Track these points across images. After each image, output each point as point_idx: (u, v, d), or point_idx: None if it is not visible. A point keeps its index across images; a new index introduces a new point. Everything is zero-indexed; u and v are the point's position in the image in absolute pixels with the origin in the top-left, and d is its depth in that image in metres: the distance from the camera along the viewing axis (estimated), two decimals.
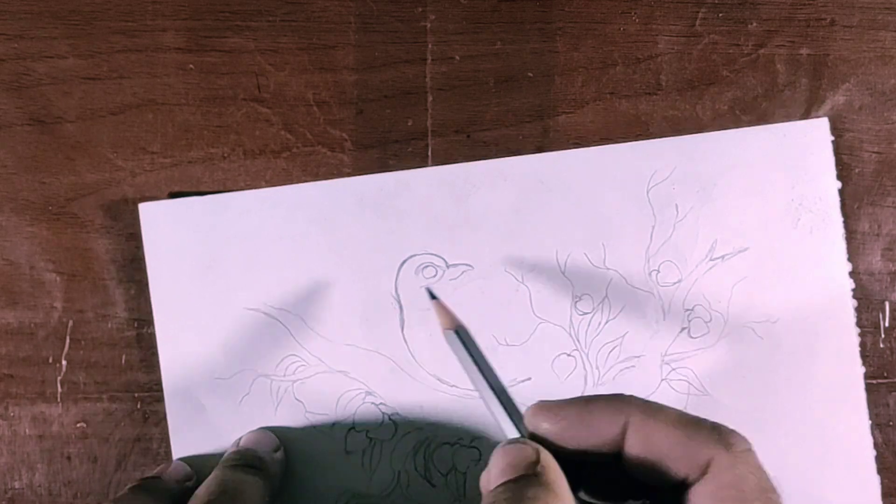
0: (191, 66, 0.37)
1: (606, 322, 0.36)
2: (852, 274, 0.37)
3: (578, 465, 0.27)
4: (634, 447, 0.26)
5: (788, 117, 0.37)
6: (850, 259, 0.37)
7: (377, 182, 0.36)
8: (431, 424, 0.36)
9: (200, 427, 0.36)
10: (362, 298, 0.36)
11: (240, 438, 0.35)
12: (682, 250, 0.36)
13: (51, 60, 0.37)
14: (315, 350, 0.36)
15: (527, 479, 0.25)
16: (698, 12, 0.38)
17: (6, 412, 0.37)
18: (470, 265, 0.36)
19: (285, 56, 0.37)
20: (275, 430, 0.36)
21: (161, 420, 0.37)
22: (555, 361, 0.36)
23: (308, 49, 0.37)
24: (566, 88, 0.37)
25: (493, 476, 0.26)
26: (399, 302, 0.36)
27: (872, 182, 0.37)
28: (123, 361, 0.37)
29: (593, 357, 0.36)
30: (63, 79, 0.37)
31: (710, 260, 0.36)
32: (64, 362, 0.37)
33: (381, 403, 0.36)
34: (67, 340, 0.37)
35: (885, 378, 0.37)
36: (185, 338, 0.36)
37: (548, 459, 0.26)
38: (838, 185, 0.37)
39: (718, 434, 0.25)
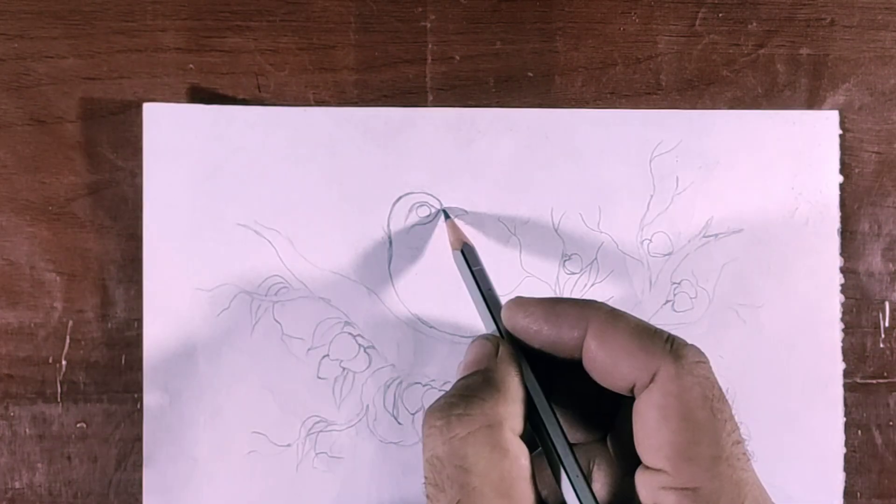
0: (191, 66, 0.37)
1: (592, 284, 0.36)
2: (852, 274, 0.37)
3: (553, 368, 0.27)
4: (592, 352, 0.26)
5: None
6: (850, 259, 0.37)
7: (384, 115, 0.36)
8: (406, 363, 0.36)
9: (175, 336, 0.36)
10: (354, 229, 0.36)
11: None
12: (676, 223, 0.37)
13: (51, 60, 0.37)
14: (300, 274, 0.36)
15: (475, 374, 0.26)
16: (698, 12, 0.38)
17: (6, 412, 0.37)
18: (464, 210, 0.36)
19: (285, 56, 0.37)
20: (249, 349, 0.36)
21: None
22: None
23: (308, 49, 0.37)
24: (566, 88, 0.37)
25: (457, 374, 0.26)
26: (390, 237, 0.36)
27: (872, 182, 0.37)
28: (123, 361, 0.37)
29: None
30: (63, 79, 0.37)
31: (704, 237, 0.36)
32: (64, 362, 0.37)
33: (358, 335, 0.36)
34: (67, 340, 0.37)
35: (885, 378, 0.37)
36: (171, 245, 0.36)
37: (504, 355, 0.26)
38: (840, 179, 0.37)
39: (671, 345, 0.25)
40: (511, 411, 0.25)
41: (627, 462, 0.26)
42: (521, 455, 0.24)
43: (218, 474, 0.36)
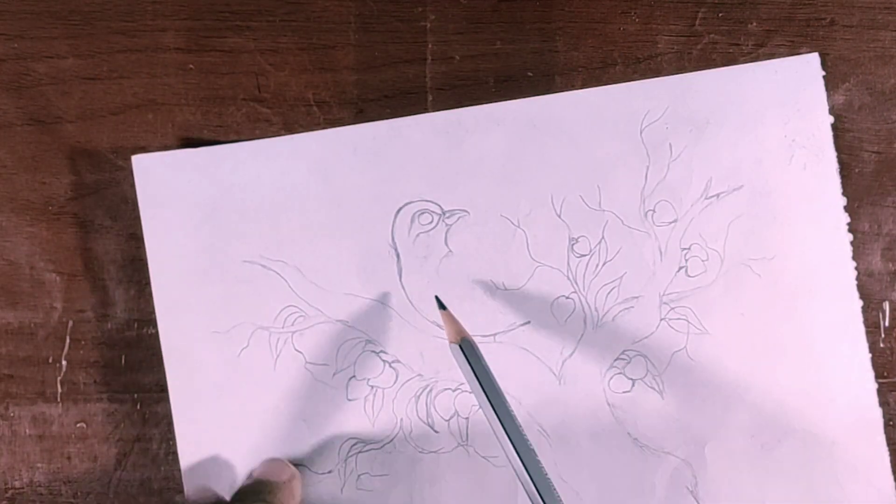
0: (191, 66, 0.37)
1: (604, 264, 0.36)
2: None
3: None
4: None
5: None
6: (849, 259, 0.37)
7: (371, 130, 0.36)
8: (432, 371, 0.36)
9: (199, 382, 0.36)
10: (360, 247, 0.36)
11: (252, 471, 0.35)
12: (676, 190, 0.36)
13: (51, 60, 0.37)
14: (313, 300, 0.36)
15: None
16: (698, 12, 0.38)
17: (6, 412, 0.37)
18: (466, 210, 0.36)
19: (285, 56, 0.37)
20: (275, 383, 0.36)
21: (161, 420, 0.37)
22: (553, 304, 0.36)
23: (308, 49, 0.37)
24: (566, 88, 0.37)
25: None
26: (396, 250, 0.36)
27: (872, 182, 0.37)
28: (123, 362, 0.37)
29: (591, 299, 0.36)
30: (63, 79, 0.37)
31: (706, 199, 0.36)
32: (64, 362, 0.37)
33: (381, 351, 0.36)
34: (67, 340, 0.37)
35: (886, 378, 0.37)
36: (181, 291, 0.36)
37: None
38: (831, 119, 0.37)
39: None
40: None
41: None
42: None
43: None
